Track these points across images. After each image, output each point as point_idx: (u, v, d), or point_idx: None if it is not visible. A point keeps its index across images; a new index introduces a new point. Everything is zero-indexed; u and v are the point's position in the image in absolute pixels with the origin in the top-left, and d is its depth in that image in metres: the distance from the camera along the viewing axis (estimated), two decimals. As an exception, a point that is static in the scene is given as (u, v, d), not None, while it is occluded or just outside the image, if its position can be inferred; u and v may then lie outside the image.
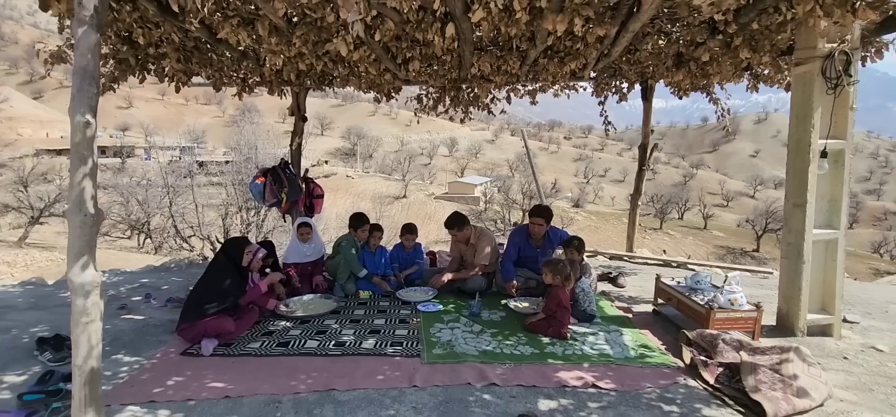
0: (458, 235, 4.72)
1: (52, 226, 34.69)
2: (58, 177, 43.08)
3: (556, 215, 17.86)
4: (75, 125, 2.22)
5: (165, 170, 26.28)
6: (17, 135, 67.29)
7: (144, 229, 26.39)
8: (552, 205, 32.44)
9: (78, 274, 2.24)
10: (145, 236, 26.72)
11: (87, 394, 2.34)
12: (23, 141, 63.44)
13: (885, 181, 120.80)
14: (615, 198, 77.97)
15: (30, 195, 37.19)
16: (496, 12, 2.74)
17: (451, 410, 2.68)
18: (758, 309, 3.50)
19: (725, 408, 2.77)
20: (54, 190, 38.40)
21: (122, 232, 29.02)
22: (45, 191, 37.66)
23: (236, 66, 4.45)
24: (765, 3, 2.82)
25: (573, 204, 64.38)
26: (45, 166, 45.41)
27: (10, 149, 56.69)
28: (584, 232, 48.03)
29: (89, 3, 2.16)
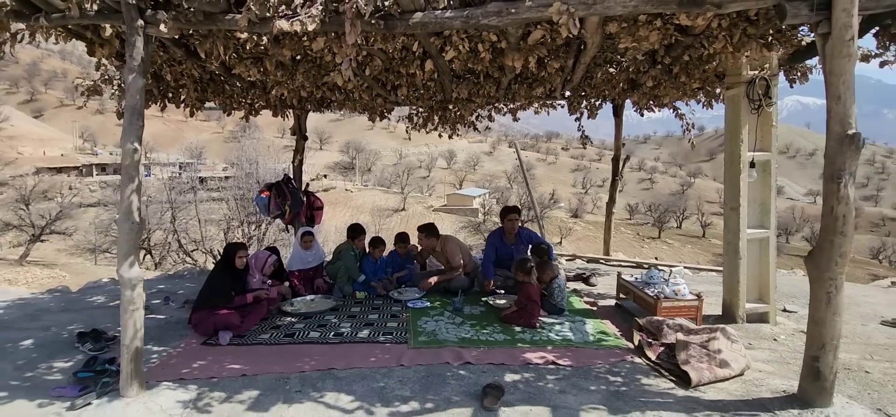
0: (425, 241, 5.34)
1: (52, 244, 34.94)
2: (58, 195, 43.38)
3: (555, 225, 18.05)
4: (126, 151, 2.79)
5: (168, 185, 26.78)
6: (18, 153, 67.81)
7: (145, 245, 26.29)
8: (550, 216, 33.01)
9: (126, 270, 2.79)
10: (146, 252, 26.59)
11: (132, 369, 2.89)
12: (23, 159, 64.08)
13: (882, 187, 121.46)
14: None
15: (31, 213, 37.43)
16: (465, 52, 3.33)
17: (431, 383, 3.22)
18: (699, 299, 4.06)
19: (661, 378, 3.31)
20: (55, 207, 38.62)
21: None
22: (45, 209, 37.92)
23: (245, 93, 5.05)
24: (686, 42, 3.41)
25: (571, 214, 64.73)
26: (46, 184, 45.76)
27: (10, 167, 57.23)
28: (581, 241, 48.45)
29: (137, 56, 2.75)
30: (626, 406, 2.93)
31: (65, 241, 34.04)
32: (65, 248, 33.37)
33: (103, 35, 3.13)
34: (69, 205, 38.78)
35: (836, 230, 2.65)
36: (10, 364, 3.57)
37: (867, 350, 3.77)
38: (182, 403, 2.93)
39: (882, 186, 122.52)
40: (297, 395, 3.05)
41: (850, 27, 2.43)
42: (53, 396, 3.03)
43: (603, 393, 3.09)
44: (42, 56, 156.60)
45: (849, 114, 2.55)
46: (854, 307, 4.95)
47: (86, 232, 31.87)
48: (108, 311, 5.04)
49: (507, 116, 6.48)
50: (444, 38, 3.26)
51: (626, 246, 46.61)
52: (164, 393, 3.00)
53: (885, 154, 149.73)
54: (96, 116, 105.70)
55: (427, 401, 2.98)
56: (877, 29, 3.17)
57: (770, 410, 2.85)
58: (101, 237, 28.37)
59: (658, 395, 3.07)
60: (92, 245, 30.02)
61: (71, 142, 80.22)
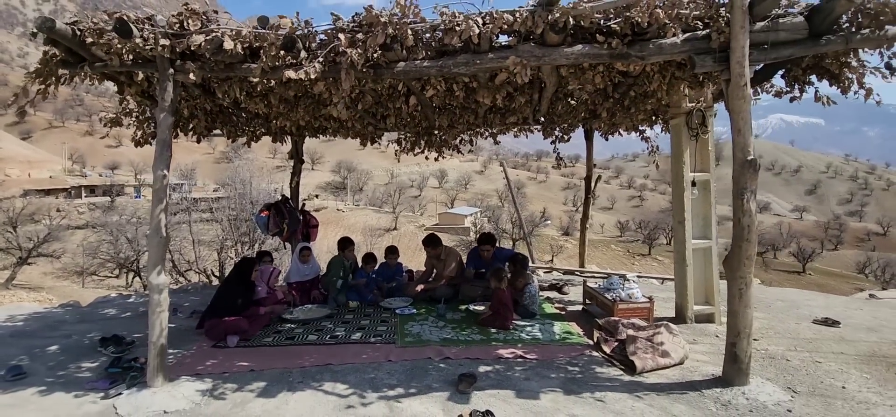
0: (431, 252, 5.87)
1: (39, 267, 34.51)
2: (46, 218, 42.94)
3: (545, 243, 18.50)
4: (156, 177, 3.33)
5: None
6: (5, 175, 67.24)
7: (133, 267, 25.55)
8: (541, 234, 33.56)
9: (155, 278, 3.31)
10: (134, 274, 25.80)
11: (158, 363, 3.39)
12: (11, 181, 63.68)
13: (865, 203, 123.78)
14: (604, 225, 78.91)
15: (19, 235, 36.94)
16: (442, 91, 3.93)
17: (415, 374, 3.74)
18: (650, 301, 4.63)
19: (613, 368, 3.86)
20: (43, 230, 38.15)
21: (109, 270, 27.94)
22: (33, 231, 37.49)
23: (249, 123, 5.61)
24: (628, 81, 4.04)
25: (562, 232, 65.03)
26: (34, 206, 45.36)
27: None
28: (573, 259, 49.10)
29: (168, 98, 3.31)
30: (579, 389, 3.47)
31: (52, 264, 33.76)
32: (51, 271, 33.10)
33: (135, 79, 3.69)
34: (57, 228, 38.55)
35: (742, 237, 3.25)
36: (43, 365, 4.04)
37: (793, 344, 4.35)
38: (200, 392, 3.43)
39: (865, 202, 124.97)
40: (298, 385, 3.56)
41: (743, 75, 3.07)
42: (88, 388, 3.52)
43: (561, 380, 3.64)
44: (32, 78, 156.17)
45: (748, 143, 3.17)
46: (794, 309, 5.56)
47: (73, 255, 31.55)
48: (120, 321, 5.50)
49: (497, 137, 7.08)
50: (425, 81, 3.87)
51: (617, 263, 47.23)
52: (184, 384, 3.50)
53: (866, 170, 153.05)
54: (85, 138, 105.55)
55: (411, 388, 3.50)
56: (783, 72, 3.82)
57: (698, 389, 3.41)
58: (89, 260, 27.98)
59: (608, 380, 3.62)
60: (79, 267, 29.65)
61: (60, 164, 79.74)
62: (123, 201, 58.49)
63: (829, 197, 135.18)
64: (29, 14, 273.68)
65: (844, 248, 71.86)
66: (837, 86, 3.57)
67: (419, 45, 3.32)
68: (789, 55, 3.22)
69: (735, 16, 3.01)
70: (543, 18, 3.08)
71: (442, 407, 3.20)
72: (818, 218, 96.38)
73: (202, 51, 3.17)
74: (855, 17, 3.10)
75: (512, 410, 3.14)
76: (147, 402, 3.24)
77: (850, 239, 78.80)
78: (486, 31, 3.18)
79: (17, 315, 5.98)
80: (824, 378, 3.62)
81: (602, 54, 3.21)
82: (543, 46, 3.23)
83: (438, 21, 3.25)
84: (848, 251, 69.03)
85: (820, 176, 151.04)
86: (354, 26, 3.26)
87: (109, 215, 36.49)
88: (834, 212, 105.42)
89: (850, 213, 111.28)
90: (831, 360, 3.95)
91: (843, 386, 3.47)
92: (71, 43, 3.22)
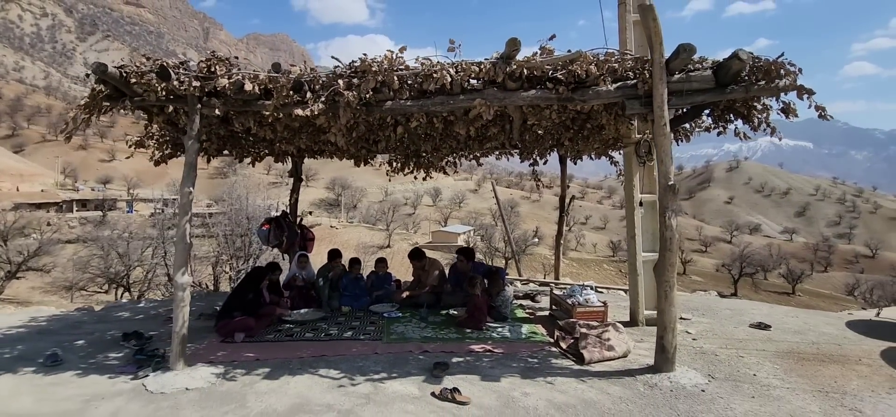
0: (416, 264, 6.56)
1: (27, 281, 34.25)
2: (37, 232, 42.73)
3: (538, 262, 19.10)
4: (183, 193, 4.01)
5: (160, 223, 27.18)
6: (-5, 188, 66.92)
7: (123, 282, 24.97)
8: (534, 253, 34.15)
9: (180, 277, 3.97)
10: (124, 289, 25.11)
11: (179, 349, 4.03)
12: (1, 195, 63.57)
13: (854, 225, 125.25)
14: (597, 245, 79.24)
15: (8, 249, 36.77)
16: (424, 123, 4.65)
17: (398, 363, 4.39)
18: (604, 305, 5.32)
19: (566, 360, 4.53)
20: (33, 243, 37.98)
21: (98, 285, 27.44)
22: (23, 245, 37.39)
23: (255, 145, 6.31)
24: (582, 119, 4.79)
25: (555, 251, 65.19)
26: (25, 220, 45.21)
27: (-13, 203, 56.59)
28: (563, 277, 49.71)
29: (195, 128, 4.01)
30: (534, 375, 4.13)
31: (41, 279, 33.63)
32: (40, 286, 32.88)
33: (165, 110, 4.39)
34: (48, 242, 38.48)
35: (666, 248, 3.97)
36: (75, 355, 4.65)
37: (725, 343, 5.05)
38: (214, 374, 4.06)
39: (854, 224, 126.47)
40: (298, 371, 4.19)
41: (663, 117, 3.82)
42: (118, 372, 4.14)
43: (521, 368, 4.30)
44: (26, 92, 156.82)
45: (669, 171, 3.91)
46: (738, 316, 6.25)
47: (63, 269, 31.26)
48: (135, 322, 6.10)
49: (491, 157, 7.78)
50: (409, 115, 4.59)
51: (609, 282, 47.69)
52: (201, 369, 4.13)
53: (854, 193, 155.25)
54: (79, 152, 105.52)
55: (393, 373, 4.15)
56: (709, 112, 4.59)
57: (633, 375, 4.09)
58: (79, 274, 27.61)
59: (560, 369, 4.29)
60: (69, 282, 29.41)
61: (52, 178, 79.66)
62: (115, 216, 58.19)
63: (818, 219, 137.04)
64: (26, 28, 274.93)
65: (834, 270, 72.57)
66: (749, 124, 4.33)
67: (404, 88, 4.04)
68: (702, 100, 3.98)
69: (655, 70, 3.77)
70: (503, 69, 3.83)
71: (418, 387, 3.85)
72: (807, 240, 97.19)
73: (226, 91, 3.89)
74: (752, 71, 3.87)
75: (475, 389, 3.80)
76: (171, 381, 3.86)
77: (839, 261, 79.49)
78: (458, 77, 3.92)
79: (38, 316, 6.58)
80: (741, 368, 4.31)
81: (552, 97, 3.96)
82: (505, 90, 3.97)
83: (419, 69, 3.99)
84: (837, 273, 69.67)
85: (809, 198, 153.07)
86: (351, 73, 3.99)
87: (101, 229, 36.16)
88: (823, 234, 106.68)
89: (838, 236, 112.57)
90: (753, 355, 4.64)
91: (754, 374, 4.16)
92: (117, 82, 3.92)
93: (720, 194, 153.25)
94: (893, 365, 4.40)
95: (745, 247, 58.01)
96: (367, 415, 3.38)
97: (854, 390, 3.84)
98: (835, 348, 4.90)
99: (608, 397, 3.70)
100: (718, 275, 57.03)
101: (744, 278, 50.22)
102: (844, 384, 3.96)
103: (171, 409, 3.47)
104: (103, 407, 3.49)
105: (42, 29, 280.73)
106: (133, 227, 32.99)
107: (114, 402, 3.58)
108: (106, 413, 3.41)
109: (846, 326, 5.79)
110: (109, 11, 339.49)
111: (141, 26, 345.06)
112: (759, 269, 54.30)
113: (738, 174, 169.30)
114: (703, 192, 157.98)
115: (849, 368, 4.32)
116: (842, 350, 4.81)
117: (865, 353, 4.72)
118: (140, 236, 27.38)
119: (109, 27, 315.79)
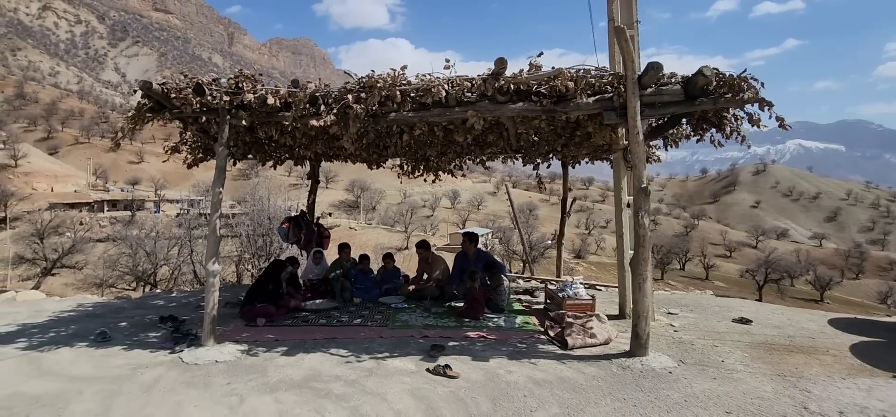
0: (421, 252, 7.13)
1: (61, 278, 35.81)
2: (71, 231, 44.57)
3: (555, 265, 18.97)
4: (214, 193, 4.63)
5: (187, 222, 28.36)
6: (32, 189, 69.92)
7: (151, 280, 25.83)
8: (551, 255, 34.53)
9: (211, 265, 4.59)
10: (151, 287, 25.90)
11: (210, 328, 4.65)
12: (37, 195, 66.46)
13: (888, 231, 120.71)
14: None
15: (45, 247, 38.50)
16: (426, 131, 5.18)
17: (400, 344, 4.93)
18: (592, 298, 5.76)
19: (552, 346, 4.99)
20: (67, 241, 39.71)
21: (127, 283, 28.40)
22: (58, 243, 39.16)
23: (276, 150, 6.94)
24: (571, 127, 5.25)
25: (574, 255, 64.62)
26: (59, 219, 47.22)
27: (25, 203, 59.42)
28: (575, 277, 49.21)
29: (224, 137, 4.63)
30: (521, 357, 4.62)
31: (74, 275, 35.18)
32: (72, 282, 34.39)
33: (199, 121, 5.02)
34: (81, 240, 40.21)
35: (640, 244, 4.41)
36: (120, 334, 5.33)
37: (705, 334, 5.43)
38: (240, 350, 4.66)
39: (888, 230, 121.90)
40: (312, 349, 4.77)
41: (636, 127, 4.27)
42: (158, 348, 4.78)
43: (509, 352, 4.79)
44: (61, 96, 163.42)
45: (642, 175, 4.36)
46: (725, 312, 6.59)
47: (94, 267, 32.54)
48: (169, 308, 6.78)
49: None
50: (412, 125, 5.13)
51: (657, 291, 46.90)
52: (228, 346, 4.74)
53: (888, 198, 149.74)
54: (109, 154, 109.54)
55: (395, 353, 4.68)
56: (686, 120, 5.01)
57: (609, 359, 4.53)
58: (109, 271, 28.74)
59: (544, 353, 4.76)
60: (99, 279, 30.66)
61: (84, 179, 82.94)
62: (143, 216, 60.08)
63: (850, 224, 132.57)
64: (61, 35, 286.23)
65: (866, 277, 70.06)
66: (722, 132, 4.74)
67: (406, 101, 4.58)
68: (674, 111, 4.42)
69: (628, 85, 4.23)
70: (492, 84, 4.34)
71: (415, 364, 4.37)
72: (838, 246, 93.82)
73: (252, 104, 4.49)
74: (719, 85, 4.29)
75: (466, 367, 4.30)
76: (203, 355, 4.48)
77: (872, 268, 76.54)
78: (454, 92, 4.44)
79: (84, 303, 7.34)
80: (712, 355, 4.70)
81: (537, 109, 4.45)
82: (495, 103, 4.47)
83: (419, 84, 4.53)
84: (869, 280, 67.19)
85: (840, 202, 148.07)
86: (359, 88, 4.55)
87: (130, 229, 37.33)
88: (855, 240, 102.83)
89: (871, 242, 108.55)
90: (727, 345, 5.03)
91: (722, 361, 4.55)
92: (159, 97, 4.57)
93: (746, 198, 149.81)
94: (858, 356, 4.73)
95: (770, 252, 56.35)
96: (370, 384, 3.92)
97: (811, 375, 4.20)
98: (808, 341, 5.24)
99: (583, 376, 4.16)
100: (742, 281, 55.54)
101: (769, 284, 48.67)
102: (804, 370, 4.33)
103: (203, 376, 4.07)
104: (148, 374, 4.11)
105: (76, 35, 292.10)
106: (160, 227, 34.28)
107: (156, 371, 4.20)
108: (151, 377, 4.03)
109: (828, 323, 6.09)
110: (139, 18, 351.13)
111: (169, 31, 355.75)
112: (785, 275, 52.75)
113: (764, 177, 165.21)
114: (728, 196, 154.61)
115: (814, 357, 4.67)
116: (814, 343, 5.15)
117: (835, 346, 5.05)
118: (166, 235, 28.47)
119: (139, 33, 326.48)
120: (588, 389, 3.89)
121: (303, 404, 3.56)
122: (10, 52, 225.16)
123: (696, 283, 54.17)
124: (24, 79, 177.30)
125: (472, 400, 3.64)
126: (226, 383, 3.93)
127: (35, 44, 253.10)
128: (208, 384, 3.91)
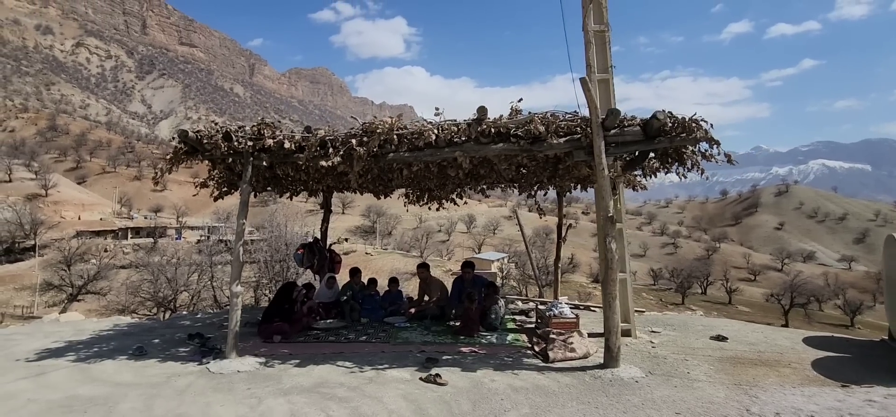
0: (421, 273, 7.76)
1: (85, 304, 37.08)
2: (97, 258, 46.13)
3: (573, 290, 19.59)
4: (238, 224, 5.36)
5: (208, 249, 29.43)
6: (61, 217, 72.52)
7: (171, 305, 26.34)
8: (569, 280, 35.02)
9: (234, 287, 5.29)
10: (171, 312, 26.11)
11: (233, 342, 5.32)
12: (65, 223, 68.96)
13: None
14: (637, 273, 76.21)
15: (72, 273, 39.89)
16: (422, 168, 5.87)
17: (398, 358, 5.53)
18: (576, 317, 6.29)
19: (535, 359, 5.53)
20: (93, 268, 41.08)
21: (148, 309, 29.02)
22: (83, 270, 40.56)
23: (292, 184, 7.72)
24: (552, 162, 5.89)
25: (592, 279, 63.40)
26: (85, 247, 48.90)
27: (54, 230, 61.78)
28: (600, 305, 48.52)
29: (248, 175, 5.39)
30: (505, 369, 5.17)
31: (97, 301, 36.37)
32: (96, 308, 35.47)
33: (226, 161, 5.81)
34: (105, 267, 41.62)
35: (608, 267, 4.98)
36: (154, 349, 6.05)
37: (680, 350, 5.90)
38: (258, 363, 5.32)
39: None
40: (321, 361, 5.40)
41: (602, 164, 4.89)
42: (187, 360, 5.47)
43: (496, 364, 5.35)
44: (90, 127, 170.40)
45: (608, 205, 4.96)
46: (707, 331, 7.02)
47: (117, 293, 33.52)
48: (194, 327, 7.50)
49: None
50: (409, 163, 5.83)
51: (648, 312, 46.16)
52: (248, 359, 5.40)
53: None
54: (133, 183, 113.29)
55: (394, 364, 5.29)
56: (653, 155, 5.60)
57: (584, 370, 5.06)
58: (131, 297, 29.55)
59: (527, 366, 5.31)
60: (121, 305, 31.50)
61: (109, 207, 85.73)
62: (165, 243, 61.54)
63: (880, 246, 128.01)
64: (93, 70, 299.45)
65: (891, 298, 67.23)
66: (683, 166, 5.32)
67: (402, 143, 5.29)
68: (636, 149, 5.03)
69: (593, 128, 4.87)
70: (475, 129, 5.02)
71: (410, 374, 4.97)
72: (869, 269, 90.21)
73: (271, 148, 5.25)
74: (674, 126, 4.90)
75: (454, 376, 4.88)
76: (227, 366, 5.14)
77: (902, 293, 73.06)
78: (443, 135, 5.14)
79: (120, 323, 8.12)
80: (680, 368, 5.19)
81: (516, 148, 5.11)
82: (479, 144, 5.15)
83: (413, 129, 5.24)
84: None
85: (868, 224, 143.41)
86: (362, 132, 5.28)
87: (152, 256, 38.26)
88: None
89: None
90: (698, 360, 5.50)
91: (688, 372, 5.04)
92: (193, 143, 5.37)
93: (769, 220, 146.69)
94: (817, 369, 5.16)
95: (795, 276, 53.88)
96: (369, 390, 4.53)
97: (766, 385, 4.66)
98: (776, 356, 5.67)
99: (557, 384, 4.69)
100: (768, 305, 53.27)
101: (796, 309, 46.62)
102: (761, 380, 4.79)
103: (227, 383, 4.73)
104: (180, 381, 4.79)
105: (106, 70, 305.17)
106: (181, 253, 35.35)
107: (187, 379, 4.88)
108: (183, 384, 4.70)
109: (802, 341, 6.49)
110: (165, 52, 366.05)
111: (193, 64, 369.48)
112: (812, 299, 50.31)
113: (787, 199, 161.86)
114: (750, 218, 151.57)
115: (774, 370, 5.12)
116: (780, 358, 5.58)
117: (800, 360, 5.48)
118: (187, 261, 29.40)
119: (165, 66, 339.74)
120: (559, 394, 4.43)
121: (311, 405, 4.18)
122: (45, 86, 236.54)
123: (719, 308, 52.14)
124: (56, 111, 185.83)
125: (455, 403, 4.22)
126: (246, 388, 4.58)
127: (68, 78, 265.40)
128: (232, 389, 4.57)
